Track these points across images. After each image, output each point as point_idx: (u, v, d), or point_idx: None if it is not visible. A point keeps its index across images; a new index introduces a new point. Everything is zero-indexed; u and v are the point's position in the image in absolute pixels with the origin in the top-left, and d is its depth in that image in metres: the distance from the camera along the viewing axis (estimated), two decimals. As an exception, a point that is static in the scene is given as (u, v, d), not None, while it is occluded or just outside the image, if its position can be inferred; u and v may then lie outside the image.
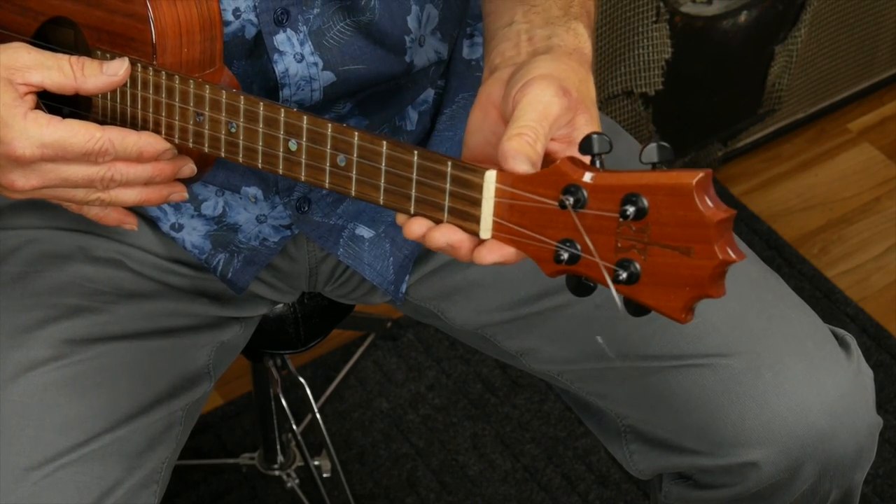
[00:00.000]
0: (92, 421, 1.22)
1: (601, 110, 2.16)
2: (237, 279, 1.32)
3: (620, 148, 1.39)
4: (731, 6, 2.23)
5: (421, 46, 1.27)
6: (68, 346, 1.24)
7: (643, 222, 0.90)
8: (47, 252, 1.29)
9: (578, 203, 0.92)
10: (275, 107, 1.06)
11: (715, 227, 0.88)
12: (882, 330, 2.18)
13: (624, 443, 1.34)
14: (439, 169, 0.98)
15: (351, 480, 2.00)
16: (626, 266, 0.91)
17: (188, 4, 1.13)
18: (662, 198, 0.89)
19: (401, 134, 1.32)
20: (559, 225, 0.94)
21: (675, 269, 0.90)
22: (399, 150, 1.00)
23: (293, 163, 1.06)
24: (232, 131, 1.09)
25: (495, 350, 1.38)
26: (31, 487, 1.18)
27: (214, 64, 1.15)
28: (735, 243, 0.90)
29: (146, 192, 1.14)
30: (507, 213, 0.96)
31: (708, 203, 0.88)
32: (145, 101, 1.13)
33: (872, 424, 1.28)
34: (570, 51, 1.09)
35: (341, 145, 1.03)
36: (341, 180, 1.04)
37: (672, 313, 0.92)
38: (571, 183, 0.93)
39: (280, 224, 1.31)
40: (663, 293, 0.91)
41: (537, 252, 0.96)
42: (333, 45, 1.21)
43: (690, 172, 0.88)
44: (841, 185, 2.42)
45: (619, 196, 0.91)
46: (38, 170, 1.10)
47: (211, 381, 1.35)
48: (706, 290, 0.90)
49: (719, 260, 0.89)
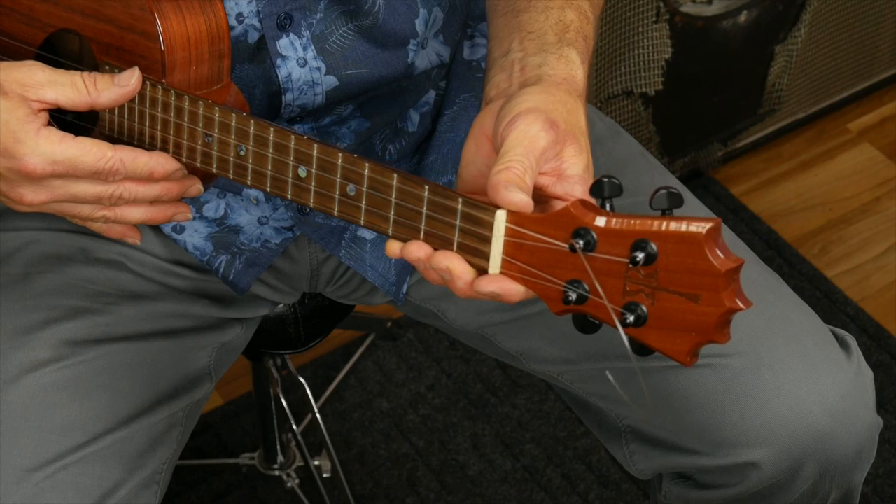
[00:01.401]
0: (93, 422, 1.22)
1: (601, 110, 2.17)
2: (239, 280, 1.32)
3: (620, 148, 1.40)
4: (731, 6, 2.23)
5: (423, 49, 1.27)
6: (69, 348, 1.24)
7: (652, 268, 0.92)
8: (49, 253, 1.29)
9: (588, 246, 0.94)
10: (285, 133, 1.06)
11: (724, 276, 0.90)
12: (882, 330, 2.18)
13: (624, 443, 1.34)
14: (450, 205, 0.99)
15: (351, 480, 2.00)
16: (634, 309, 0.93)
17: (197, 21, 1.12)
18: (672, 245, 0.91)
19: (402, 135, 1.33)
20: (568, 266, 0.95)
21: (681, 314, 0.92)
22: (410, 184, 1.00)
23: (302, 189, 1.06)
24: (241, 154, 1.09)
25: (495, 350, 1.39)
26: (33, 489, 1.18)
27: (222, 80, 1.15)
28: (742, 291, 0.92)
29: (152, 211, 1.15)
30: (517, 252, 0.98)
31: (718, 253, 0.90)
32: (153, 119, 1.12)
33: (872, 425, 1.28)
34: (560, 80, 1.09)
35: (352, 175, 1.03)
36: (350, 209, 1.04)
37: (677, 356, 0.94)
38: (582, 226, 0.94)
39: (282, 226, 1.31)
40: (669, 337, 0.93)
41: (545, 291, 0.97)
42: (336, 49, 1.21)
43: (701, 221, 0.90)
44: (841, 185, 2.42)
45: (629, 241, 0.92)
46: (48, 185, 1.11)
47: (212, 382, 1.35)
48: (712, 336, 0.92)
49: (726, 308, 0.91)
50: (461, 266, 1.00)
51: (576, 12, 1.15)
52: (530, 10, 1.15)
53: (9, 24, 1.19)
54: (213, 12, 1.13)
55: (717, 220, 0.90)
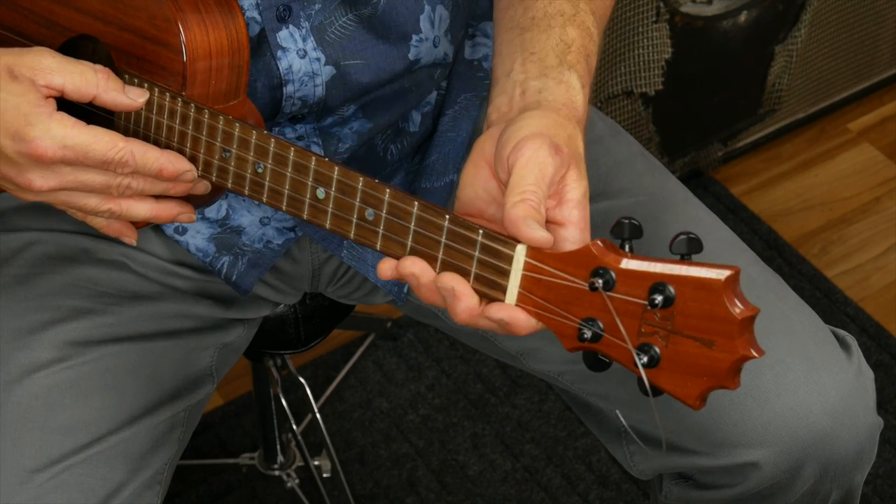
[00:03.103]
0: (96, 423, 1.22)
1: (601, 110, 2.17)
2: (241, 281, 1.33)
3: (620, 148, 1.40)
4: (731, 6, 2.24)
5: (436, 48, 1.27)
6: (72, 348, 1.24)
7: (669, 311, 0.93)
8: (51, 254, 1.29)
9: (607, 286, 0.95)
10: (306, 153, 1.06)
11: (739, 324, 0.92)
12: (882, 330, 2.18)
13: (624, 443, 1.34)
14: (470, 237, 1.00)
15: (351, 480, 2.01)
16: (647, 350, 0.95)
17: (219, 35, 1.12)
18: (690, 291, 0.92)
19: (403, 135, 1.33)
20: (584, 303, 0.97)
21: (695, 358, 0.93)
22: (430, 213, 1.01)
23: (319, 210, 1.06)
24: (259, 171, 1.09)
25: (495, 350, 1.39)
26: (36, 489, 1.18)
27: (239, 95, 1.15)
28: (755, 341, 0.93)
29: (157, 209, 1.15)
30: (534, 287, 0.99)
31: (735, 301, 0.92)
32: (170, 130, 1.12)
33: (873, 425, 1.28)
34: (559, 106, 1.10)
35: (371, 200, 1.03)
36: (367, 234, 1.04)
37: (686, 400, 0.95)
38: (602, 266, 0.95)
39: (283, 226, 1.31)
40: (680, 380, 0.95)
41: (559, 327, 0.98)
42: (335, 39, 1.21)
43: (720, 269, 0.92)
44: (841, 185, 2.42)
45: (648, 283, 0.94)
46: (58, 171, 1.11)
47: (214, 383, 1.35)
48: (723, 382, 0.94)
49: (740, 355, 0.92)
50: (466, 288, 1.01)
51: (578, 30, 1.15)
52: (533, 28, 1.15)
53: (27, 25, 1.19)
54: (234, 25, 1.13)
55: (735, 268, 0.92)
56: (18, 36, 1.19)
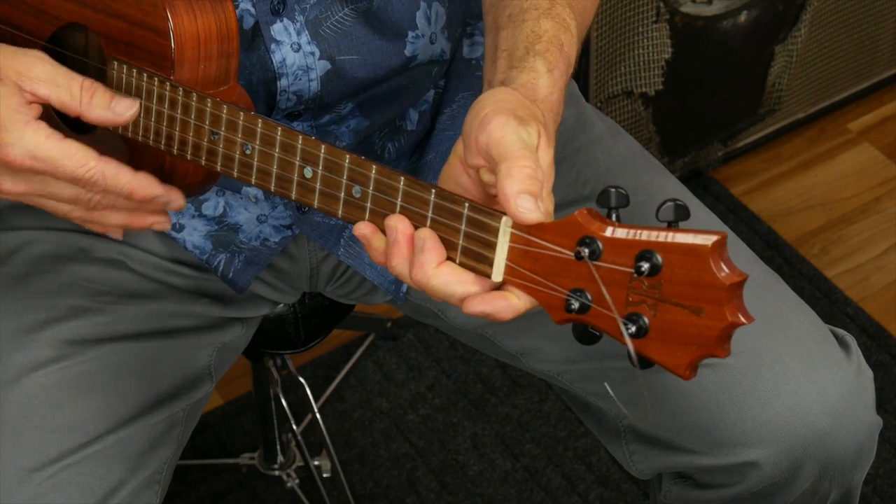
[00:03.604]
0: (95, 422, 1.22)
1: (601, 110, 2.17)
2: (238, 279, 1.33)
3: (620, 148, 1.40)
4: (731, 6, 2.24)
5: (433, 44, 1.27)
6: (70, 347, 1.24)
7: (656, 279, 0.92)
8: (49, 253, 1.29)
9: (594, 255, 0.94)
10: (293, 132, 1.05)
11: (727, 290, 0.90)
12: (882, 330, 2.18)
13: (624, 443, 1.34)
14: (456, 209, 0.99)
15: (351, 480, 2.01)
16: (636, 320, 0.93)
17: (208, 19, 1.12)
18: (677, 257, 0.91)
19: (401, 134, 1.33)
20: (572, 274, 0.95)
21: (683, 326, 0.92)
22: (416, 188, 1.00)
23: (307, 189, 1.06)
24: (247, 153, 1.09)
25: (495, 350, 1.39)
26: (35, 489, 1.18)
27: (228, 81, 1.15)
28: (744, 307, 0.91)
29: (130, 218, 1.14)
30: (521, 259, 0.97)
31: (723, 266, 0.90)
32: (160, 115, 1.12)
33: (872, 425, 1.28)
34: (517, 86, 1.07)
35: (358, 177, 1.03)
36: (355, 211, 1.04)
37: (676, 370, 0.93)
38: (588, 234, 0.94)
39: (281, 224, 1.31)
40: (670, 349, 0.93)
41: (547, 299, 0.97)
42: (330, 34, 1.21)
43: (707, 234, 0.90)
44: (841, 185, 2.42)
45: (635, 251, 0.92)
46: (27, 178, 1.10)
47: (212, 382, 1.35)
48: (712, 350, 0.92)
49: (728, 322, 0.90)
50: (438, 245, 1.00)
51: (552, 21, 1.13)
52: (508, 25, 1.13)
53: (17, 16, 1.19)
54: (223, 12, 1.13)
55: (723, 233, 0.90)
56: (10, 27, 1.20)
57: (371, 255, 1.04)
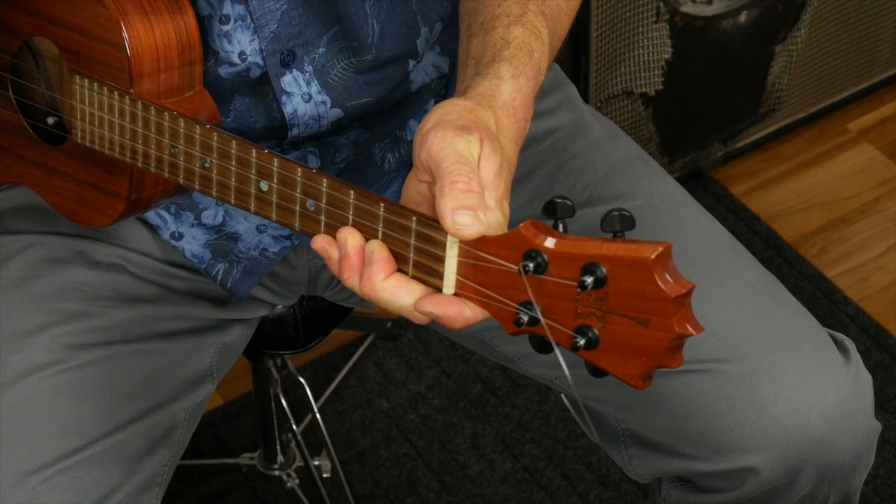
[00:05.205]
0: (91, 425, 1.22)
1: (601, 110, 2.17)
2: (237, 289, 1.33)
3: (619, 151, 1.40)
4: (731, 6, 2.23)
5: (419, 63, 1.27)
6: (68, 351, 1.24)
7: (602, 291, 0.91)
8: (47, 257, 1.29)
9: (539, 268, 0.93)
10: (247, 146, 1.05)
11: (672, 301, 0.89)
12: (882, 330, 2.18)
13: (623, 447, 1.34)
14: (404, 224, 0.98)
15: (351, 480, 2.01)
16: (585, 332, 0.92)
17: (166, 29, 1.12)
18: (621, 269, 0.90)
19: (401, 144, 1.32)
20: (521, 287, 0.94)
21: (632, 338, 0.91)
22: (366, 202, 1.00)
23: (265, 202, 1.06)
24: (206, 166, 1.09)
25: (493, 353, 1.39)
26: (30, 492, 1.18)
27: (194, 87, 1.15)
28: (693, 317, 0.90)
29: None
30: (471, 272, 0.96)
31: (667, 278, 0.89)
32: (122, 129, 1.12)
33: (871, 430, 1.28)
34: (472, 95, 1.06)
35: (310, 191, 1.02)
36: (310, 224, 1.04)
37: (629, 380, 0.93)
38: (533, 248, 0.93)
39: (280, 234, 1.31)
40: (621, 360, 0.92)
41: (498, 312, 0.96)
42: (338, 81, 1.21)
43: (650, 246, 0.89)
44: (841, 185, 2.42)
45: (579, 265, 0.91)
46: None
47: (214, 383, 1.35)
48: (662, 361, 0.91)
49: (676, 333, 0.90)
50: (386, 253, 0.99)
51: (523, 28, 1.12)
52: (479, 33, 1.13)
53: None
54: (182, 20, 1.13)
55: (666, 244, 0.89)
56: None
57: (330, 266, 1.03)
